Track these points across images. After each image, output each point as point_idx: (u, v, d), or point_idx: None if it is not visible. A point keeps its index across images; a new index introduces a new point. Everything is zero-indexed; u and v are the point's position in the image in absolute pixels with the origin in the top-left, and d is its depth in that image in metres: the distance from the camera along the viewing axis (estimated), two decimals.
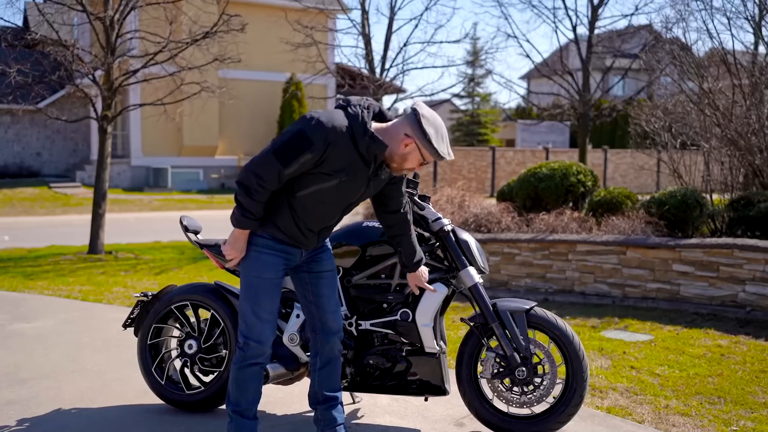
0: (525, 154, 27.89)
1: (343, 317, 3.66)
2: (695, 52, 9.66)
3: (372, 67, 13.66)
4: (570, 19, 16.31)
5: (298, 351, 3.66)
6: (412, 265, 3.41)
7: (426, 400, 3.81)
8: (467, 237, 3.63)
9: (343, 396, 3.80)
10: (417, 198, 3.62)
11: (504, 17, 34.29)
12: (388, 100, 45.01)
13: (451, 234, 3.58)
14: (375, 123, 2.99)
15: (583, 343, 4.95)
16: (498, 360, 3.53)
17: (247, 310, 3.08)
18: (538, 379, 3.52)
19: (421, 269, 3.45)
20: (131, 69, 11.21)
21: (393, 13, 13.85)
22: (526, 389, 3.53)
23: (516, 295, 7.21)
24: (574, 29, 16.27)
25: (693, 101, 8.80)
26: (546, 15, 23.83)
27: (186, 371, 3.99)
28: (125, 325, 4.12)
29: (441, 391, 3.63)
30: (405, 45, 13.81)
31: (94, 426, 3.73)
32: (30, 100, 12.75)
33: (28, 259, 10.37)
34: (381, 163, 3.01)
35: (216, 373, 3.91)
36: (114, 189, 23.03)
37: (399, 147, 2.95)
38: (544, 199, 8.33)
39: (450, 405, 4.01)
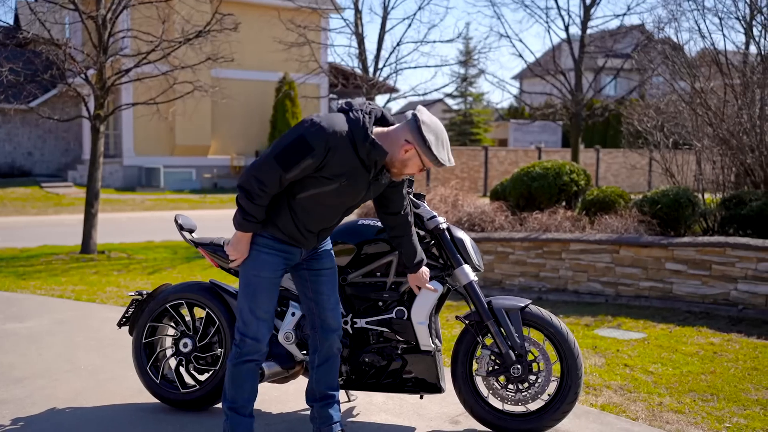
0: (517, 153, 27.93)
1: None
2: (687, 52, 9.71)
3: (365, 67, 13.66)
4: (562, 19, 16.39)
5: (293, 349, 3.66)
6: (412, 266, 3.42)
7: (421, 398, 3.81)
8: (462, 235, 3.64)
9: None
10: (412, 196, 3.63)
11: (497, 17, 34.63)
12: (381, 99, 45.03)
13: (446, 232, 3.59)
14: (377, 128, 3.00)
15: (577, 342, 4.96)
16: (493, 358, 3.55)
17: (245, 307, 3.09)
18: (533, 377, 3.54)
19: (423, 270, 3.46)
20: (124, 68, 11.17)
21: (386, 13, 13.85)
22: (521, 387, 3.54)
23: (510, 294, 7.23)
24: (566, 29, 16.33)
25: (685, 101, 8.85)
26: (538, 15, 23.96)
27: (181, 370, 3.99)
28: (120, 324, 4.11)
29: (436, 389, 3.64)
30: (398, 44, 13.81)
31: (88, 425, 3.72)
32: (22, 99, 12.71)
33: (20, 259, 10.33)
34: (382, 168, 3.02)
35: (211, 372, 3.90)
36: (106, 189, 22.95)
37: (399, 152, 2.96)
38: (537, 198, 8.36)
39: (445, 403, 4.02)
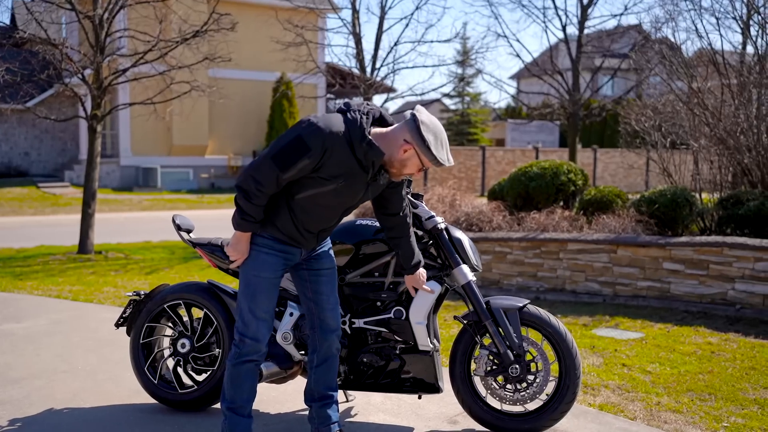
0: (515, 153, 27.96)
1: None
2: (684, 51, 9.72)
3: (362, 67, 13.65)
4: (560, 19, 16.36)
5: (291, 349, 3.66)
6: (410, 268, 3.42)
7: (419, 398, 3.81)
8: (460, 235, 3.64)
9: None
10: (410, 196, 3.63)
11: (494, 17, 34.46)
12: (378, 99, 45.05)
13: (445, 232, 3.59)
14: (375, 128, 2.99)
15: (575, 341, 4.97)
16: (491, 357, 3.55)
17: (245, 307, 3.09)
18: (531, 377, 3.54)
19: (420, 271, 3.45)
20: (121, 68, 11.16)
21: (384, 13, 13.83)
22: (519, 386, 3.54)
23: (508, 294, 7.23)
24: (563, 29, 16.32)
25: (682, 101, 8.86)
26: (536, 15, 23.95)
27: (179, 370, 3.99)
28: (118, 325, 4.10)
29: (434, 389, 3.63)
30: (395, 44, 13.79)
31: (86, 425, 3.71)
32: (18, 99, 12.70)
33: (17, 260, 10.31)
34: (380, 168, 3.01)
35: (209, 372, 3.90)
36: (103, 189, 22.93)
37: (398, 153, 2.95)
38: (534, 198, 8.37)
39: (443, 403, 4.02)
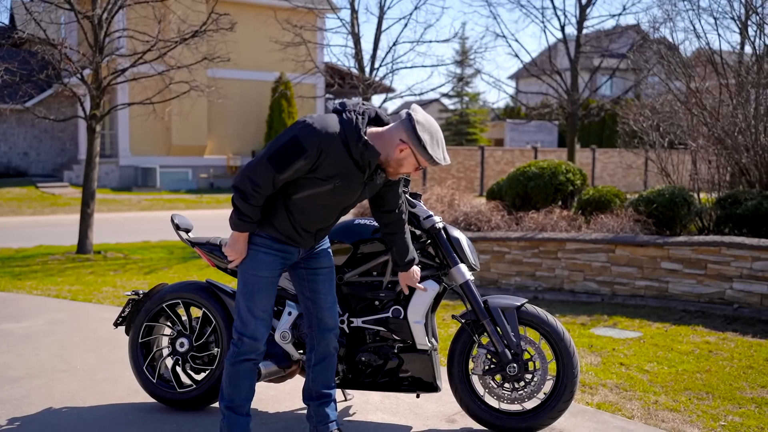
0: (514, 153, 27.96)
1: None
2: (682, 52, 9.74)
3: (361, 67, 13.65)
4: (558, 19, 16.39)
5: (289, 348, 3.66)
6: (403, 265, 3.43)
7: (418, 396, 3.82)
8: (458, 234, 3.65)
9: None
10: (408, 196, 3.64)
11: (493, 17, 34.33)
12: (377, 99, 45.00)
13: (443, 231, 3.59)
14: (371, 128, 3.00)
15: (573, 341, 4.98)
16: (489, 356, 3.56)
17: (243, 307, 3.10)
18: (529, 376, 3.54)
19: (414, 269, 3.46)
20: (119, 68, 11.16)
21: (382, 13, 13.83)
22: (517, 385, 3.55)
23: (506, 293, 7.24)
24: (562, 29, 16.34)
25: (680, 101, 8.87)
26: (534, 15, 23.78)
27: (177, 369, 3.99)
28: (116, 324, 4.11)
29: (432, 388, 3.64)
30: (394, 44, 13.78)
31: (85, 425, 3.72)
32: (17, 99, 12.71)
33: (16, 259, 10.31)
34: (377, 168, 3.02)
35: (207, 371, 3.90)
36: (102, 189, 22.92)
37: (394, 152, 2.96)
38: (533, 198, 8.38)
39: (441, 402, 4.03)
